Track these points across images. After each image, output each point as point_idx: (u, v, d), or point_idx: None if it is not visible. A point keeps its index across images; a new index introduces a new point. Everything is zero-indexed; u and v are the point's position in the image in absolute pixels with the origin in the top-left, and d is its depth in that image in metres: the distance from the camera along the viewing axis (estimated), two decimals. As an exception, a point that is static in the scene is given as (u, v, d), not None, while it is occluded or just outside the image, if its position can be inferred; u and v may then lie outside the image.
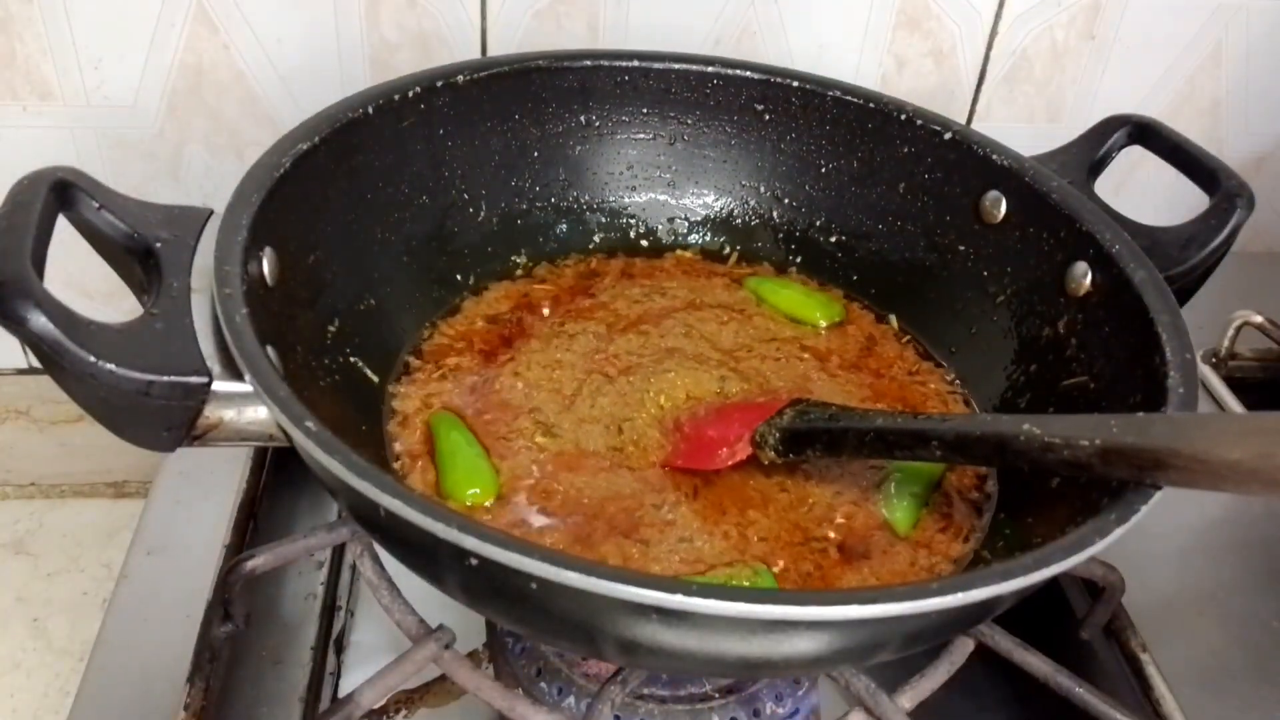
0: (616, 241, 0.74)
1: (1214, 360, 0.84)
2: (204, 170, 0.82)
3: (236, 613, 0.57)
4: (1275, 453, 0.39)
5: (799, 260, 0.73)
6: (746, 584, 0.50)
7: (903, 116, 0.68)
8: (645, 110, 0.72)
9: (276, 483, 0.74)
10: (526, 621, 0.45)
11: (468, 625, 0.59)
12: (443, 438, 0.56)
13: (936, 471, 0.59)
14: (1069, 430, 0.44)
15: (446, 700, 0.65)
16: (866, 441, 0.52)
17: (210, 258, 0.47)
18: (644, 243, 0.74)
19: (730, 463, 0.56)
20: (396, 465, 0.56)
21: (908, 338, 0.69)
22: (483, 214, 0.69)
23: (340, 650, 0.70)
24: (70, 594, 0.88)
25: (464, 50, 0.80)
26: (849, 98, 0.69)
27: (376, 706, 0.54)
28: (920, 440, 0.50)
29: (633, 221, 0.74)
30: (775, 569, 0.52)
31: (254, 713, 0.63)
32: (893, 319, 0.70)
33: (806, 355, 0.66)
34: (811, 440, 0.55)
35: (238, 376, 0.44)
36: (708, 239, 0.75)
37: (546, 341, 0.65)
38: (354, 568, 0.69)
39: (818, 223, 0.73)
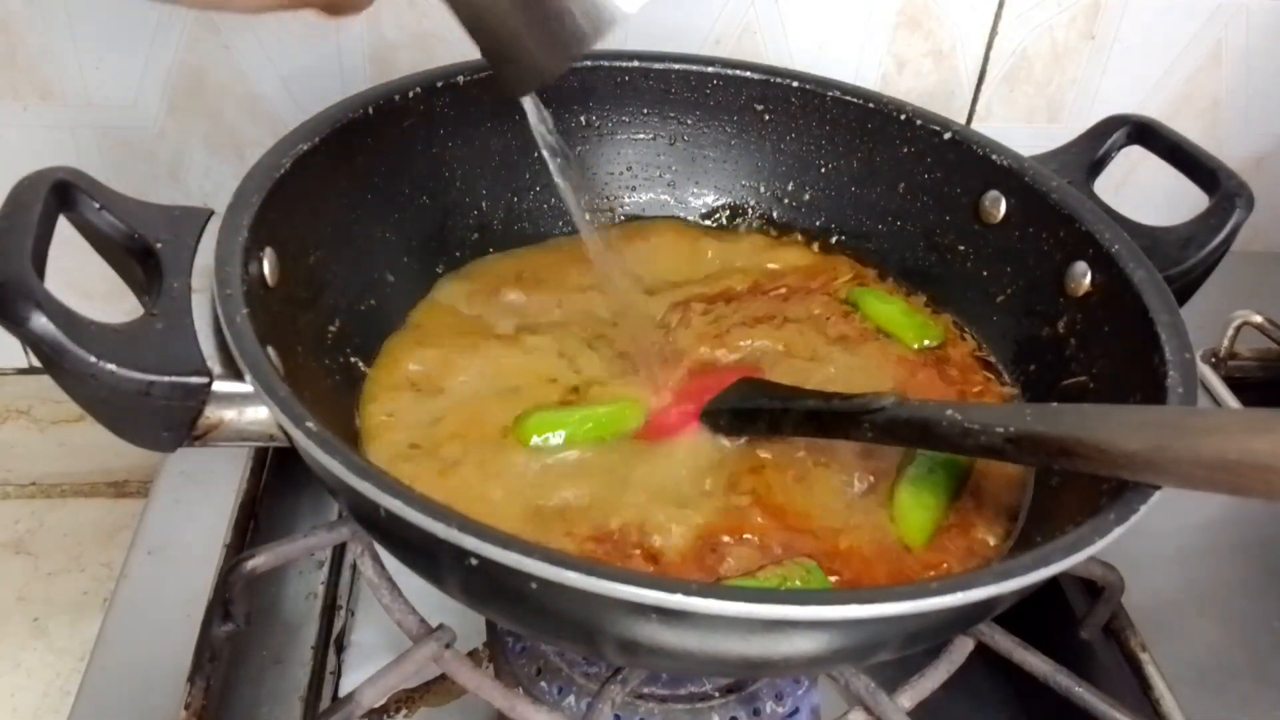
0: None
1: (1214, 360, 0.84)
2: (204, 170, 0.82)
3: (237, 612, 0.57)
4: (1168, 445, 0.41)
5: (799, 260, 0.73)
6: (799, 583, 0.50)
7: (903, 116, 0.68)
8: (645, 110, 0.72)
9: (276, 483, 0.74)
10: (526, 621, 0.45)
11: (468, 625, 0.59)
12: None
13: (954, 481, 0.56)
14: (987, 417, 0.47)
15: (446, 700, 0.65)
16: (805, 421, 0.54)
17: (210, 258, 0.47)
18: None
19: (675, 434, 0.57)
20: None
21: (990, 361, 0.65)
22: (483, 214, 0.69)
23: (340, 650, 0.70)
24: (70, 594, 0.88)
25: (464, 50, 0.79)
26: (849, 98, 0.69)
27: (377, 706, 0.54)
28: (853, 422, 0.52)
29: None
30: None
31: (254, 712, 0.63)
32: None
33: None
34: (755, 418, 0.56)
35: (238, 377, 0.44)
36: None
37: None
38: (354, 567, 0.69)
39: (817, 223, 0.73)
